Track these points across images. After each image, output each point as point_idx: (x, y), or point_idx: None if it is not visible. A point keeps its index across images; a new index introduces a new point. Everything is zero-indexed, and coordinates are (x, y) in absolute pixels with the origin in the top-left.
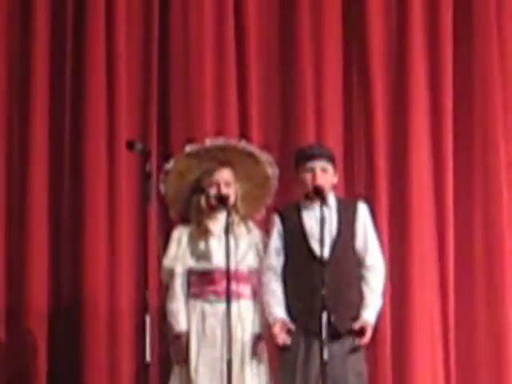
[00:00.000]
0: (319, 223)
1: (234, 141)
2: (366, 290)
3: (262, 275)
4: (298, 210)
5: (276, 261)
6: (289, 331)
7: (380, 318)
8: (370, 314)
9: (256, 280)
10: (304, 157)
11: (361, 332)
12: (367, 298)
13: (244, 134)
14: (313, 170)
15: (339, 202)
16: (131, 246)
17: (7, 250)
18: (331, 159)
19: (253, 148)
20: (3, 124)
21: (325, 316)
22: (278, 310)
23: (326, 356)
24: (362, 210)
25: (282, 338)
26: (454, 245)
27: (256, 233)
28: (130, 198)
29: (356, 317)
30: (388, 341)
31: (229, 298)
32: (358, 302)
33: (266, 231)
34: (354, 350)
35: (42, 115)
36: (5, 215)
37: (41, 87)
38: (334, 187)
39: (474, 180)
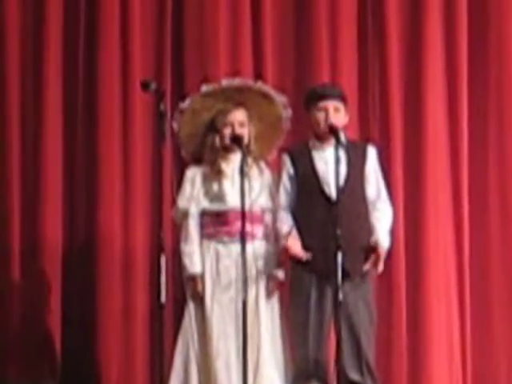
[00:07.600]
0: (334, 163)
1: (250, 81)
2: (377, 225)
3: (275, 215)
4: (308, 151)
5: (287, 201)
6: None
7: (394, 260)
8: (382, 239)
9: (268, 221)
10: (317, 96)
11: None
12: (378, 229)
13: (259, 76)
14: (326, 109)
15: (348, 143)
16: (146, 186)
17: (22, 190)
18: (344, 99)
19: (268, 89)
20: (17, 60)
21: (340, 256)
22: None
23: (340, 296)
24: (372, 153)
25: (296, 250)
26: (469, 186)
27: (268, 174)
28: (145, 138)
29: (366, 258)
30: (403, 283)
31: (244, 239)
32: (368, 244)
33: (278, 172)
34: (365, 281)
35: (56, 56)
36: (19, 156)
37: (55, 27)
38: (345, 128)
39: (489, 122)
